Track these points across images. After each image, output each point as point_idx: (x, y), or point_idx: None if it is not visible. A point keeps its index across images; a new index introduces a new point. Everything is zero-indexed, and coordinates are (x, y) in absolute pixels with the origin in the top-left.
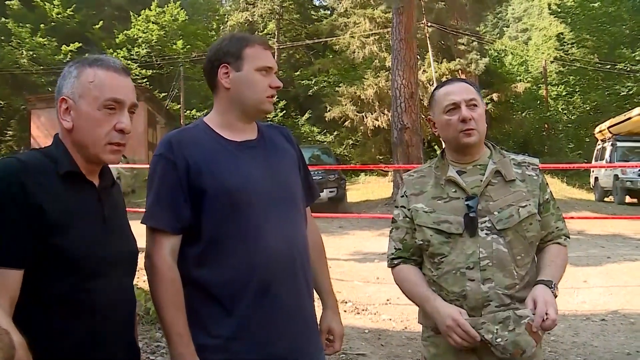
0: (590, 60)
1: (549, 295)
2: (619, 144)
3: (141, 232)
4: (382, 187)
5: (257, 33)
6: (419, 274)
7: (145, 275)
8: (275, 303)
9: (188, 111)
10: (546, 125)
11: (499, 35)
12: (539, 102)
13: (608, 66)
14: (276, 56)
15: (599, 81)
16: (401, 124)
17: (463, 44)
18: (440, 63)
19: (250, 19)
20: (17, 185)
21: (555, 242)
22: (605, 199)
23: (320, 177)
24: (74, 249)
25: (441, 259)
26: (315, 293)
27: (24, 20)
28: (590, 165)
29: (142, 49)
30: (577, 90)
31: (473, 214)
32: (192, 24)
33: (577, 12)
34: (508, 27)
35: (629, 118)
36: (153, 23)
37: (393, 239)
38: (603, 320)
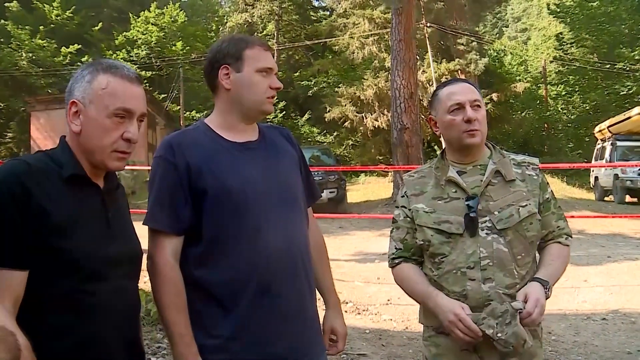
0: (590, 59)
1: (542, 295)
2: (619, 144)
3: (143, 234)
4: (382, 188)
5: (257, 34)
6: (420, 272)
7: (145, 277)
8: (275, 303)
9: (188, 112)
10: (546, 125)
11: (498, 36)
12: (538, 102)
13: (607, 66)
14: (275, 57)
15: (599, 81)
16: (401, 124)
17: (462, 44)
18: (440, 63)
19: (250, 20)
20: (20, 188)
21: (556, 242)
22: (606, 199)
23: (320, 178)
24: (76, 251)
25: (442, 258)
26: (317, 293)
27: (24, 22)
28: (590, 165)
29: (142, 51)
30: (577, 89)
31: (473, 214)
32: (192, 25)
33: (576, 12)
34: (507, 27)
35: (629, 117)
36: (152, 24)
37: (394, 239)
38: (604, 319)
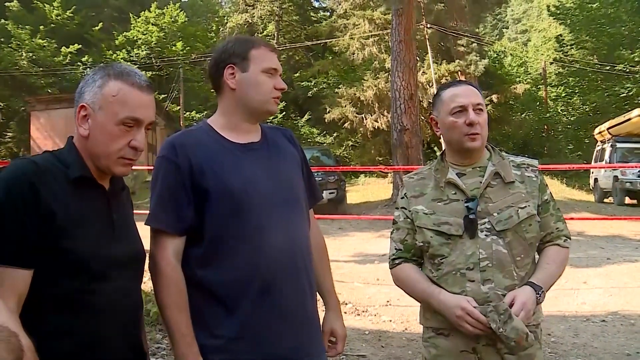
0: (590, 61)
1: (530, 299)
2: (619, 145)
3: (144, 234)
4: (382, 189)
5: (257, 34)
6: (420, 271)
7: (145, 277)
8: (277, 303)
9: (187, 113)
10: (545, 127)
11: (498, 37)
12: (538, 104)
13: (607, 67)
14: None
15: (599, 82)
16: (401, 125)
17: (462, 45)
18: (440, 64)
19: (250, 21)
20: (29, 188)
21: (554, 244)
22: (605, 200)
23: (320, 179)
24: (81, 252)
25: (441, 260)
26: (317, 294)
27: (24, 22)
28: (590, 166)
29: (142, 51)
30: (577, 91)
31: (473, 216)
32: (192, 25)
33: (576, 14)
34: (507, 29)
35: (629, 119)
36: (152, 25)
37: (394, 240)
38: (603, 321)
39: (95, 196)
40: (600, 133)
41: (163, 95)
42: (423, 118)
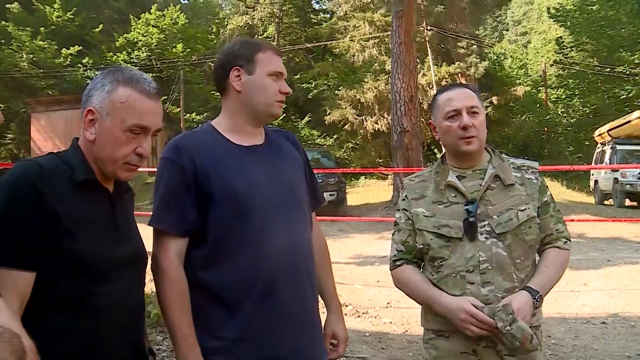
0: (590, 63)
1: (526, 305)
2: (619, 147)
3: (145, 235)
4: (382, 191)
5: (257, 36)
6: (421, 273)
7: (146, 279)
8: (279, 305)
9: (188, 114)
10: (546, 129)
11: (498, 39)
12: (538, 106)
13: (607, 69)
14: None
15: (599, 84)
16: (401, 127)
17: (462, 47)
18: (440, 66)
19: (250, 23)
20: (33, 190)
21: (554, 246)
22: (605, 202)
23: (320, 181)
24: (84, 254)
25: (441, 262)
26: (318, 297)
27: (24, 24)
28: (590, 167)
29: (142, 53)
30: (577, 93)
31: (472, 219)
32: (192, 27)
33: (577, 16)
34: (507, 31)
35: (629, 121)
36: (153, 26)
37: (395, 241)
38: (603, 323)
39: (99, 199)
40: (600, 135)
41: (163, 97)
42: (423, 120)
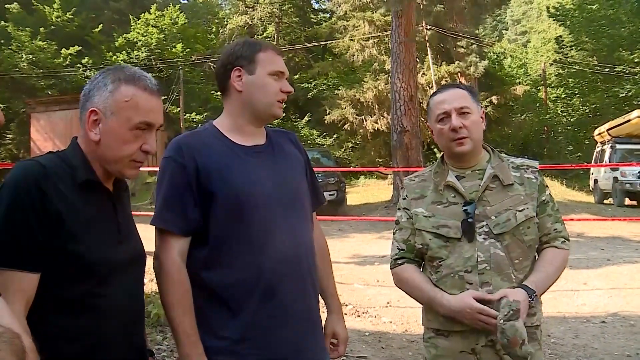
0: (589, 62)
1: (523, 303)
2: (618, 147)
3: (144, 235)
4: (382, 190)
5: (257, 36)
6: (422, 273)
7: (145, 279)
8: (281, 306)
9: (187, 114)
10: (545, 128)
11: (498, 38)
12: (538, 105)
13: (607, 69)
14: None
15: (598, 83)
16: (400, 126)
17: (462, 46)
18: (440, 66)
19: (250, 22)
20: (37, 191)
21: (552, 246)
22: (605, 202)
23: (320, 180)
24: (89, 256)
25: (440, 262)
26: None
27: (24, 24)
28: (589, 166)
29: (142, 53)
30: (576, 92)
31: (471, 220)
32: (192, 27)
33: (576, 15)
34: (507, 30)
35: (628, 120)
36: (152, 26)
37: (397, 240)
38: (603, 322)
39: (101, 199)
40: (600, 134)
41: (163, 97)
42: (423, 119)
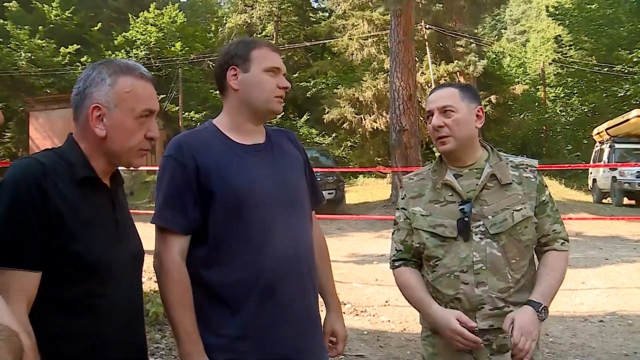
0: (588, 62)
1: (531, 322)
2: (617, 146)
3: (143, 234)
4: (381, 189)
5: (256, 35)
6: (418, 278)
7: (144, 277)
8: (281, 304)
9: (186, 113)
10: (544, 127)
11: (497, 38)
12: (537, 104)
13: (606, 68)
14: None
15: (597, 83)
16: (399, 126)
17: (461, 46)
18: (439, 65)
19: (249, 21)
20: (37, 189)
21: (552, 249)
22: (604, 201)
23: (319, 179)
24: (90, 255)
25: (436, 262)
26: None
27: (23, 22)
28: (588, 166)
29: (141, 51)
30: (575, 92)
31: (466, 219)
32: (191, 26)
33: (575, 14)
34: (506, 29)
35: (627, 120)
36: (151, 25)
37: (395, 241)
38: (601, 321)
39: (100, 196)
40: (598, 134)
41: (162, 96)
42: (422, 119)
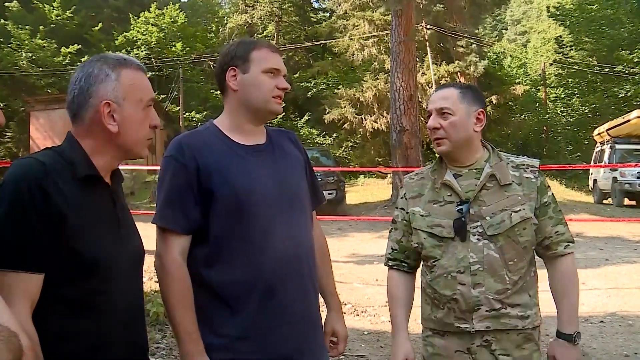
0: (589, 62)
1: (569, 352)
2: (618, 147)
3: (144, 234)
4: (381, 189)
5: (256, 35)
6: (404, 288)
7: (144, 277)
8: (282, 304)
9: (187, 113)
10: (545, 128)
11: (497, 38)
12: (537, 105)
13: (607, 69)
14: None
15: (598, 84)
16: (400, 126)
17: (462, 46)
18: (439, 65)
19: (250, 21)
20: (39, 190)
21: (556, 254)
22: (604, 202)
23: (319, 179)
24: (92, 254)
25: (434, 262)
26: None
27: (23, 22)
28: (588, 166)
29: (142, 51)
30: (576, 92)
31: (463, 219)
32: (192, 26)
33: (576, 15)
34: (507, 30)
35: (628, 120)
36: (152, 25)
37: (391, 239)
38: (601, 322)
39: (101, 194)
40: (599, 134)
41: (163, 96)
42: (422, 119)
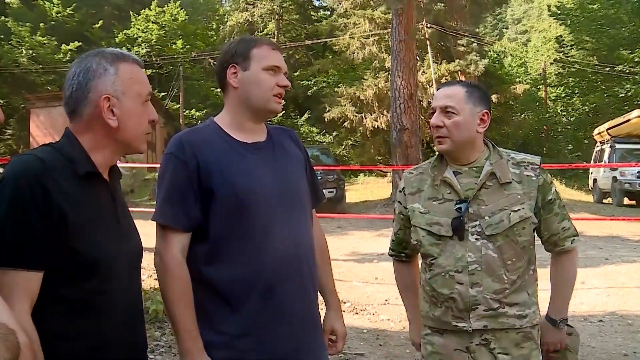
0: (590, 62)
1: (557, 337)
2: (618, 146)
3: (143, 232)
4: (381, 188)
5: (257, 33)
6: (407, 274)
7: (143, 275)
8: (281, 303)
9: (187, 111)
10: (545, 127)
11: (498, 37)
12: (538, 104)
13: (607, 68)
14: None
15: (598, 83)
16: (400, 124)
17: (462, 45)
18: (440, 64)
19: (250, 19)
20: (39, 187)
21: (563, 250)
22: (604, 201)
23: (319, 178)
24: (93, 253)
25: (432, 260)
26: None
27: (24, 19)
28: (589, 165)
29: (142, 49)
30: (576, 92)
31: (461, 218)
32: (192, 23)
33: (577, 14)
34: (507, 29)
35: (628, 120)
36: (153, 23)
37: (393, 230)
38: (601, 321)
39: (101, 191)
40: (599, 134)
41: (163, 94)
42: (422, 117)
